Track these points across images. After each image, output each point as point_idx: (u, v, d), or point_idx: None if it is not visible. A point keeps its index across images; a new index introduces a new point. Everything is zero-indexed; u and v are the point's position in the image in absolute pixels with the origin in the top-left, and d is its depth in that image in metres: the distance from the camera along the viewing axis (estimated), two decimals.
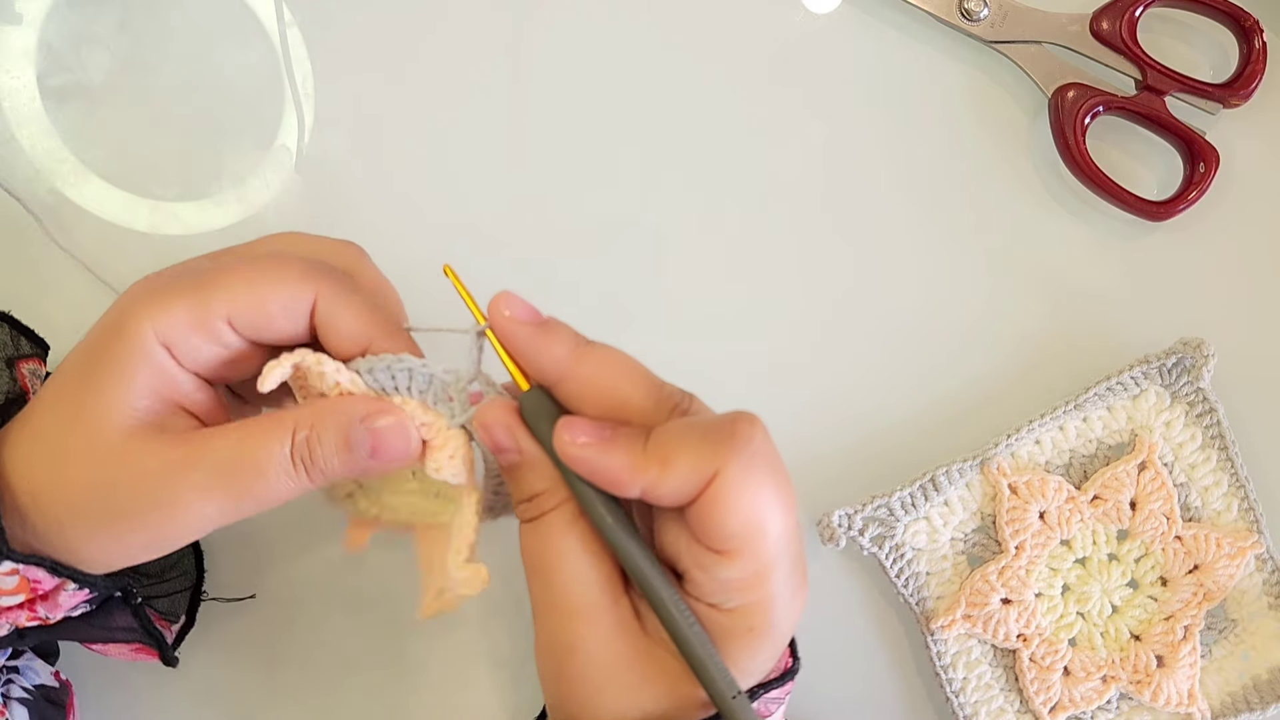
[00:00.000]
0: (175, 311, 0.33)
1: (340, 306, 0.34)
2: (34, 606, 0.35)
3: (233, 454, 0.33)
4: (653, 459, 0.31)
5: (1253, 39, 0.50)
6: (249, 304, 0.33)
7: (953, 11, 0.50)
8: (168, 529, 0.34)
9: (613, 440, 0.32)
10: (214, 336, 0.34)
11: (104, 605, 0.37)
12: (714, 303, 0.50)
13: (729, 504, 0.31)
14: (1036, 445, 0.48)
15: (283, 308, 0.34)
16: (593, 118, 0.50)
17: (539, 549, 0.34)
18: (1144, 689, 0.47)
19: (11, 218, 0.47)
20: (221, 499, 0.33)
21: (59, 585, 0.35)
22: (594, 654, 0.33)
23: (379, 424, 0.34)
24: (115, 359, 0.33)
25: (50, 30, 0.48)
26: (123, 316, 0.33)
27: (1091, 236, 0.51)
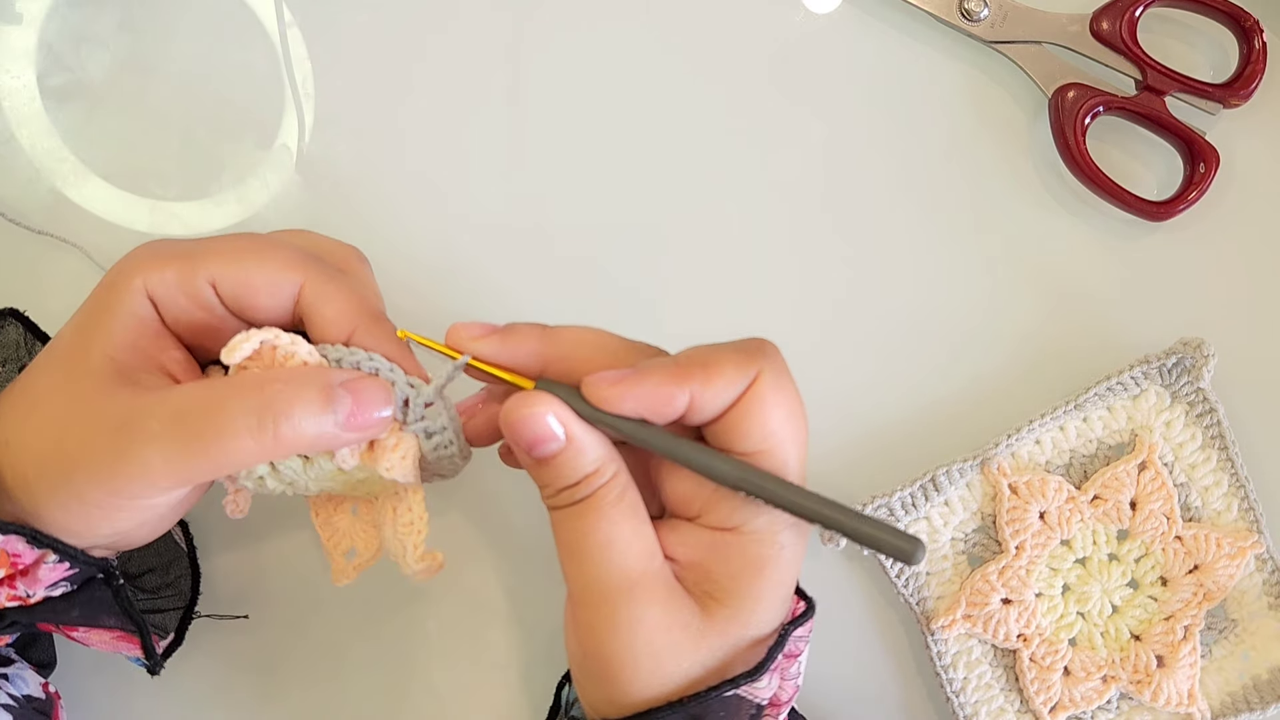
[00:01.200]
0: (166, 269, 0.34)
1: (327, 294, 0.35)
2: (14, 583, 0.34)
3: (193, 402, 0.33)
4: (694, 369, 0.33)
5: (1253, 39, 0.50)
6: (235, 272, 0.34)
7: (953, 11, 0.50)
8: (117, 480, 0.33)
9: (640, 371, 0.33)
10: (198, 299, 0.34)
11: (85, 587, 0.37)
12: (713, 302, 0.50)
13: (772, 400, 0.33)
14: (1037, 445, 0.48)
15: (268, 282, 0.34)
16: (593, 118, 0.50)
17: (588, 528, 0.34)
18: (1144, 689, 0.47)
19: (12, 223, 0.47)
20: (171, 447, 0.32)
21: (39, 558, 0.34)
22: (657, 623, 0.34)
23: (358, 382, 0.34)
24: (103, 308, 0.34)
25: (50, 30, 0.48)
26: (118, 271, 0.35)
27: (1091, 236, 0.51)
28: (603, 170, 0.50)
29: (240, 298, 0.35)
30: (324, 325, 0.35)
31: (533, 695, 0.48)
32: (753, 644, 0.35)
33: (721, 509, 0.34)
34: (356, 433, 0.34)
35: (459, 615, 0.48)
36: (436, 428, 0.35)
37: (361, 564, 0.39)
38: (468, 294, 0.49)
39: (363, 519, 0.39)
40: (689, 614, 0.34)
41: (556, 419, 0.33)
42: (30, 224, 0.47)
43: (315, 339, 0.35)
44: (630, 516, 0.34)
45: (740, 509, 0.34)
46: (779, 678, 0.37)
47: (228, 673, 0.47)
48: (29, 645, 0.42)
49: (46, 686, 0.42)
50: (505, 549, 0.48)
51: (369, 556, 0.39)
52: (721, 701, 0.34)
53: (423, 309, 0.48)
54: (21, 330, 0.41)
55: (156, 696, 0.47)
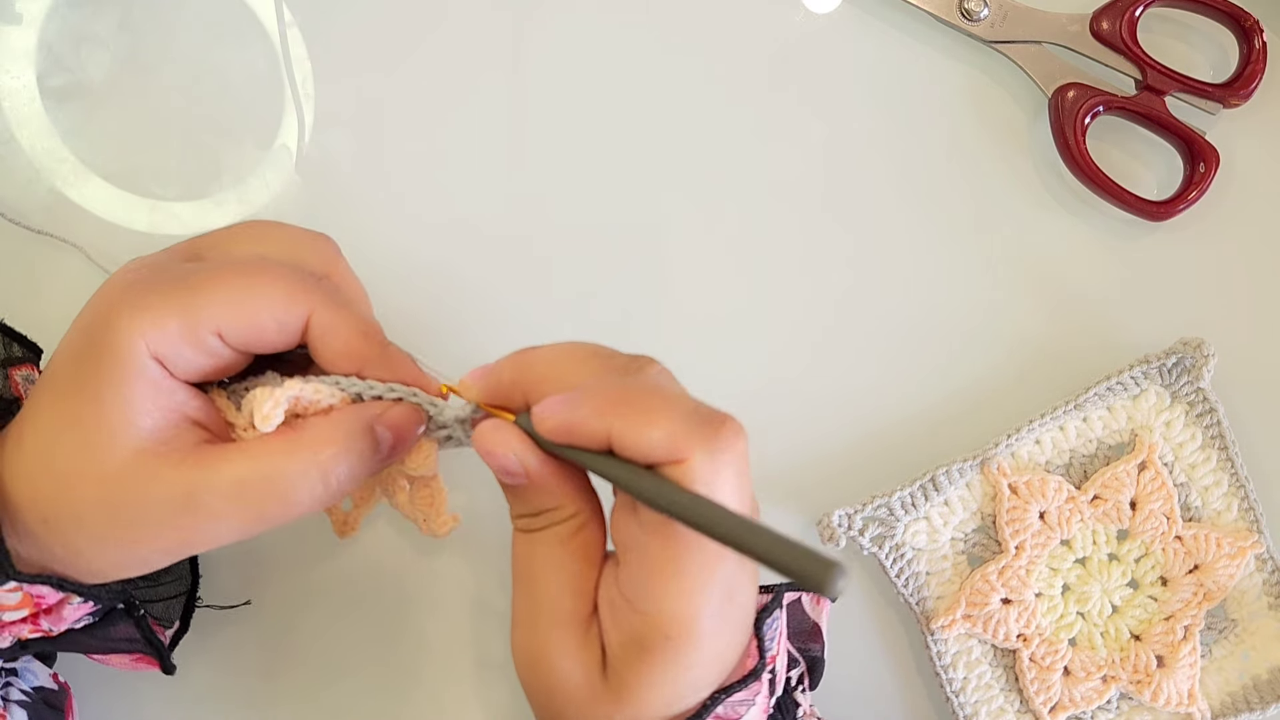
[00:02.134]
0: (167, 326, 0.32)
1: (335, 326, 0.34)
2: (37, 620, 0.35)
3: (252, 474, 0.33)
4: (635, 407, 0.31)
5: (1253, 39, 0.50)
6: (242, 319, 0.33)
7: (953, 11, 0.50)
8: (183, 549, 0.34)
9: (578, 395, 0.32)
10: (204, 349, 0.33)
11: (106, 616, 0.37)
12: (714, 303, 0.50)
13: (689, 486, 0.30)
14: (1036, 445, 0.48)
15: (277, 323, 0.33)
16: (593, 118, 0.50)
17: (534, 558, 0.34)
18: (1144, 689, 0.47)
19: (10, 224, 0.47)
20: (237, 524, 0.33)
21: (64, 599, 0.35)
22: (566, 672, 0.33)
23: (393, 416, 0.34)
24: (111, 375, 0.32)
25: (50, 30, 0.48)
26: (111, 329, 0.32)
27: (1091, 236, 0.51)
28: (603, 171, 0.50)
29: (248, 339, 0.33)
30: (333, 360, 0.35)
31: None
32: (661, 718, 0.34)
33: (628, 570, 0.33)
34: (397, 457, 0.35)
35: (457, 613, 0.48)
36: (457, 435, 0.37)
37: (359, 515, 0.40)
38: (468, 294, 0.49)
39: None
40: (589, 669, 0.33)
41: (517, 456, 0.33)
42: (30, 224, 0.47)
43: (324, 368, 0.35)
44: (575, 558, 0.34)
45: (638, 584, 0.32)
46: None
47: (231, 660, 0.47)
48: (29, 645, 0.42)
49: (56, 677, 0.42)
50: (504, 549, 0.48)
51: (364, 510, 0.40)
52: None
53: (423, 309, 0.48)
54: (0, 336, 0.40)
55: (161, 684, 0.46)
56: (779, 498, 0.49)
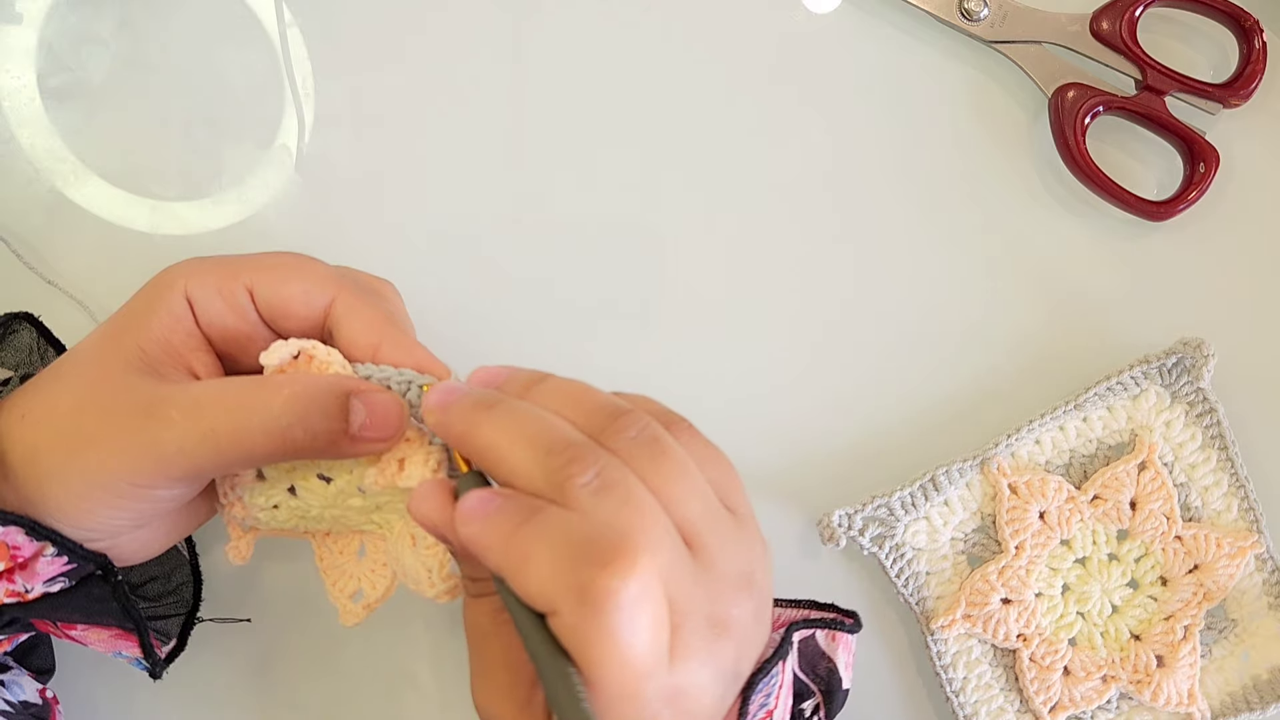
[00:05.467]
0: (207, 275, 0.35)
1: (355, 309, 0.36)
2: (12, 577, 0.35)
3: (211, 397, 0.34)
4: (513, 553, 0.29)
5: (1253, 39, 0.50)
6: (271, 280, 0.36)
7: (953, 11, 0.50)
8: (131, 462, 0.33)
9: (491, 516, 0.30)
10: (234, 304, 0.35)
11: (83, 584, 0.37)
12: (714, 303, 0.50)
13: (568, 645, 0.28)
14: (1036, 445, 0.48)
15: (303, 292, 0.36)
16: (593, 118, 0.50)
17: (479, 623, 0.34)
18: (1144, 689, 0.47)
19: None
20: (188, 436, 0.33)
21: (37, 551, 0.34)
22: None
23: (375, 397, 0.34)
24: (143, 304, 0.35)
25: (50, 30, 0.48)
26: (163, 274, 0.36)
27: (1091, 236, 0.51)
28: (603, 171, 0.50)
29: (274, 305, 0.36)
30: (351, 338, 0.36)
31: None
32: None
33: None
34: (373, 443, 0.34)
35: (457, 613, 0.48)
36: None
37: (370, 605, 0.38)
38: (468, 294, 0.49)
39: (370, 559, 0.39)
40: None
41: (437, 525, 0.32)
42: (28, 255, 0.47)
43: (343, 352, 0.35)
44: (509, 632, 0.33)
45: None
46: None
47: (228, 675, 0.47)
48: (28, 652, 0.42)
49: (44, 692, 0.41)
50: None
51: (378, 596, 0.38)
52: None
53: (423, 309, 0.48)
54: (34, 334, 0.41)
55: (157, 699, 0.46)
56: (779, 498, 0.49)
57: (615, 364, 0.49)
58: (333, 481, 0.36)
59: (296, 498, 0.36)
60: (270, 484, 0.36)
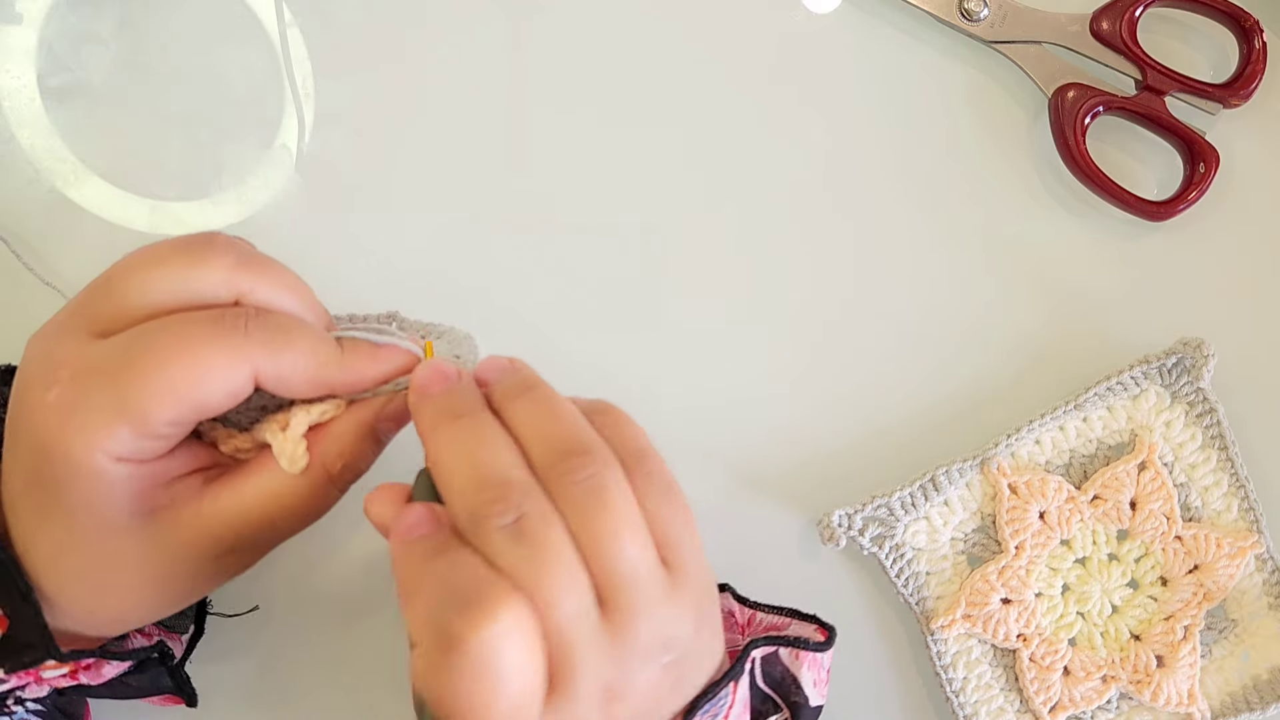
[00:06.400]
0: (118, 434, 0.31)
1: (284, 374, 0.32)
2: (76, 675, 0.36)
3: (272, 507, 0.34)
4: (408, 583, 0.30)
5: (1253, 39, 0.50)
6: (187, 407, 0.31)
7: (953, 11, 0.50)
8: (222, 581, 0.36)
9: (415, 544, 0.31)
10: (161, 436, 0.32)
11: (140, 664, 0.38)
12: (713, 303, 0.50)
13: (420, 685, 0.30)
14: (1036, 445, 0.48)
15: (227, 395, 0.32)
16: (593, 118, 0.50)
17: None
18: (1144, 689, 0.47)
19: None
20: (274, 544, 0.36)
21: (103, 660, 0.36)
22: None
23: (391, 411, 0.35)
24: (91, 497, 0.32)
25: (50, 30, 0.48)
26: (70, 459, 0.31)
27: (1091, 236, 0.51)
28: (603, 170, 0.50)
29: (202, 417, 0.32)
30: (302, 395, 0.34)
31: None
32: None
33: None
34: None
35: None
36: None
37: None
38: (468, 294, 0.49)
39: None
40: None
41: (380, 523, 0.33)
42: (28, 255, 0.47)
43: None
44: None
45: None
46: None
47: (235, 674, 0.47)
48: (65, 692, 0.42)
49: None
50: None
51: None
52: None
53: (422, 309, 0.48)
54: None
55: None
56: (779, 498, 0.49)
57: (616, 365, 0.49)
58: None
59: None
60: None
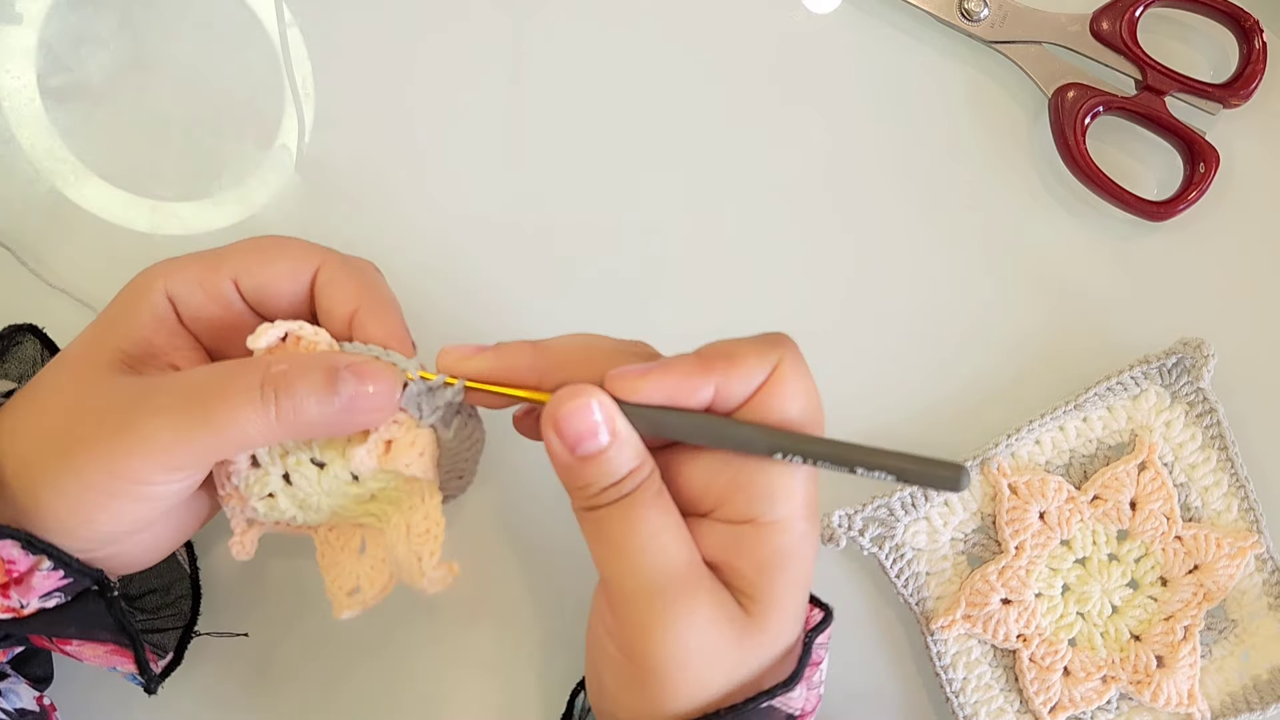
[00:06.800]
0: (187, 269, 0.35)
1: (338, 280, 0.36)
2: (7, 592, 0.34)
3: (199, 379, 0.33)
4: (718, 360, 0.34)
5: (1253, 39, 0.50)
6: (254, 263, 0.36)
7: (953, 11, 0.50)
8: (122, 456, 0.33)
9: (664, 364, 0.34)
10: (217, 295, 0.35)
11: (78, 599, 0.36)
12: (713, 303, 0.50)
13: (792, 386, 0.34)
14: (1036, 445, 0.48)
15: (289, 269, 0.36)
16: (593, 118, 0.50)
17: (633, 525, 0.34)
18: (1144, 689, 0.47)
19: None
20: (176, 419, 0.32)
21: (33, 566, 0.34)
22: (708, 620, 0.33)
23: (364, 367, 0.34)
24: (121, 306, 0.35)
25: (50, 30, 0.48)
26: (141, 275, 0.36)
27: (1091, 236, 0.51)
28: (603, 170, 0.50)
29: (261, 288, 0.36)
30: (331, 307, 0.36)
31: (524, 698, 0.48)
32: (783, 653, 0.35)
33: (739, 499, 0.34)
34: (363, 414, 0.34)
35: (454, 612, 0.48)
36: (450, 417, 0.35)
37: (366, 600, 0.38)
38: (468, 294, 0.49)
39: (370, 556, 0.38)
40: (734, 611, 0.34)
41: (602, 411, 0.33)
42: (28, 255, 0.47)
43: (324, 323, 0.36)
44: (670, 511, 0.34)
45: (759, 498, 0.34)
46: (805, 687, 0.36)
47: (226, 684, 0.47)
48: (26, 661, 0.42)
49: (41, 700, 0.41)
50: (500, 549, 0.48)
51: (375, 593, 0.38)
52: (758, 713, 0.34)
53: (422, 309, 0.48)
54: (38, 345, 0.41)
55: (155, 713, 0.46)
56: None
57: None
58: (326, 467, 0.36)
59: (292, 485, 0.36)
60: (265, 471, 0.36)
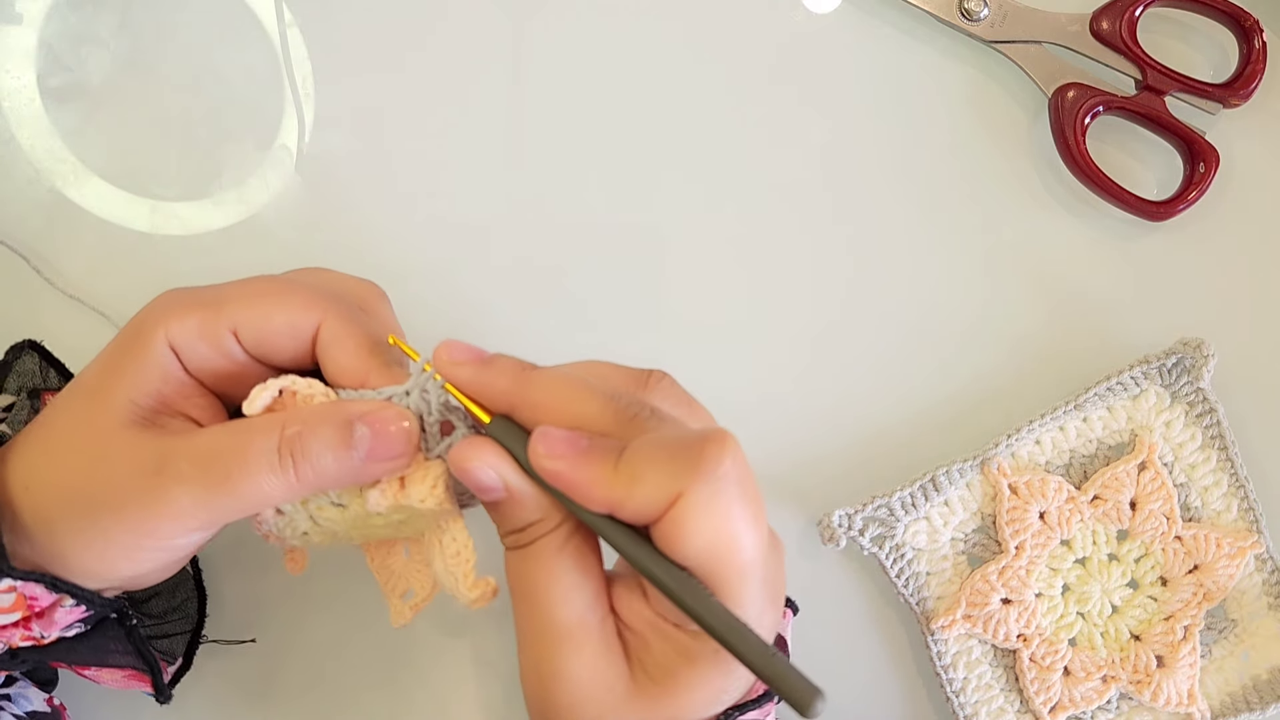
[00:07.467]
0: (188, 320, 0.34)
1: (340, 339, 0.35)
2: (29, 624, 0.35)
3: (216, 443, 0.33)
4: (622, 476, 0.31)
5: (1253, 39, 0.50)
6: (255, 318, 0.34)
7: (953, 11, 0.50)
8: (148, 521, 0.33)
9: (588, 453, 0.31)
10: (219, 346, 0.34)
11: (98, 627, 0.37)
12: (714, 303, 0.50)
13: (690, 526, 0.30)
14: (1036, 445, 0.48)
15: (288, 325, 0.35)
16: (593, 118, 0.50)
17: (529, 574, 0.33)
18: (1144, 689, 0.47)
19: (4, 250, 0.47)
20: (199, 488, 0.33)
21: (55, 602, 0.35)
22: (584, 678, 0.33)
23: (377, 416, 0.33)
24: (126, 355, 0.35)
25: (50, 30, 0.48)
26: (141, 322, 0.35)
27: (1091, 236, 0.51)
28: (603, 172, 0.50)
29: (261, 342, 0.35)
30: (339, 372, 0.35)
31: None
32: None
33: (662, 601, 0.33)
34: (383, 463, 0.34)
35: (453, 609, 0.48)
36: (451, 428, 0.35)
37: (418, 603, 0.38)
38: (468, 294, 0.49)
39: (415, 559, 0.39)
40: (615, 677, 0.33)
41: (495, 472, 0.32)
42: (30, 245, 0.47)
43: (330, 382, 0.35)
44: (572, 568, 0.33)
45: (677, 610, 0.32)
46: None
47: (232, 696, 0.47)
48: (20, 655, 0.42)
49: (51, 700, 0.41)
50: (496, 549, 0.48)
51: (425, 595, 0.38)
52: None
53: (423, 309, 0.48)
54: (38, 359, 0.41)
55: (163, 717, 0.46)
56: (780, 498, 0.49)
57: None
58: (347, 507, 0.36)
59: (318, 525, 0.36)
60: (290, 517, 0.36)
